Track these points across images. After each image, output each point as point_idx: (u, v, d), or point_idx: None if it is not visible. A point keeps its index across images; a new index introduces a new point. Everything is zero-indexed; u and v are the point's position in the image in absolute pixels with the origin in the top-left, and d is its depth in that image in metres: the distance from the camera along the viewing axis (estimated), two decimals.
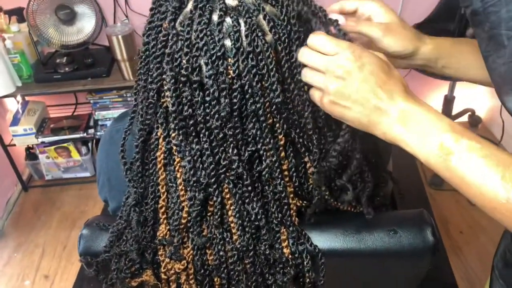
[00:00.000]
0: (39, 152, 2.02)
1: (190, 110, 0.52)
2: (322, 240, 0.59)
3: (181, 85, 0.51)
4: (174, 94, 0.52)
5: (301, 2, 0.53)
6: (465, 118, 2.09)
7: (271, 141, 0.53)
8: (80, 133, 1.94)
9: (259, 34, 0.50)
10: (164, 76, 0.53)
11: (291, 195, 0.58)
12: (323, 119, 0.57)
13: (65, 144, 1.99)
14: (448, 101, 1.95)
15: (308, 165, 0.58)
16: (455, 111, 2.00)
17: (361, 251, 0.58)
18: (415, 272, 0.62)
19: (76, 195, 2.11)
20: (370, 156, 0.62)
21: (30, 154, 2.09)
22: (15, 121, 1.92)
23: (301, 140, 0.57)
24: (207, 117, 0.52)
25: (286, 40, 0.51)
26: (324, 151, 0.57)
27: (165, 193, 0.58)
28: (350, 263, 0.61)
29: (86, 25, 1.80)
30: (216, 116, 0.51)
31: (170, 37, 0.51)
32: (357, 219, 0.61)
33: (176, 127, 0.53)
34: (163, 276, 0.59)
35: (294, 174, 0.58)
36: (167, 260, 0.58)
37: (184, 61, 0.51)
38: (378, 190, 0.65)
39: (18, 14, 1.77)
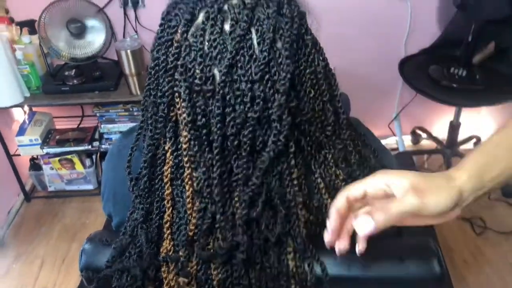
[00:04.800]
0: (43, 163, 2.02)
1: (203, 119, 0.53)
2: (327, 265, 0.58)
3: (194, 95, 0.52)
4: (189, 105, 0.52)
5: (304, 17, 0.55)
6: (470, 144, 2.08)
7: (283, 147, 0.53)
8: (85, 145, 1.94)
9: (270, 41, 0.51)
10: (175, 89, 0.54)
11: (300, 206, 0.57)
12: (332, 127, 0.57)
13: (69, 156, 1.99)
14: (454, 127, 1.95)
15: (316, 175, 0.59)
16: (460, 137, 1.99)
17: (366, 279, 0.57)
18: None
19: (78, 207, 2.10)
20: None
21: (34, 164, 2.09)
22: (22, 131, 1.93)
23: (309, 148, 0.57)
24: (222, 125, 0.52)
25: (295, 46, 0.52)
26: (332, 161, 0.58)
27: (171, 208, 0.58)
28: None
29: (96, 39, 1.82)
30: (232, 123, 0.52)
31: (183, 49, 0.52)
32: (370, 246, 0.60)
33: (191, 138, 0.54)
34: None
35: (303, 182, 0.58)
36: (171, 276, 0.58)
37: (197, 71, 0.51)
38: None
39: (29, 26, 1.79)
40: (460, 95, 1.65)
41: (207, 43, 0.51)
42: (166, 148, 0.58)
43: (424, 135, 2.19)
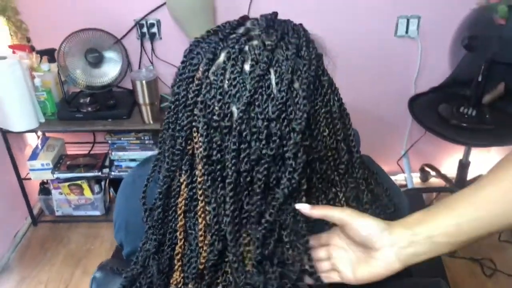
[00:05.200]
0: (52, 188, 2.04)
1: (219, 155, 0.54)
2: None
3: (212, 130, 0.54)
4: (206, 140, 0.54)
5: (321, 59, 0.58)
6: None
7: (295, 185, 0.54)
8: (95, 171, 1.96)
9: (288, 82, 0.53)
10: (194, 124, 0.55)
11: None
12: (345, 166, 0.58)
13: (79, 182, 2.01)
14: (463, 166, 1.94)
15: None
16: (470, 176, 1.99)
17: None
18: None
19: (84, 233, 2.10)
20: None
21: (44, 189, 2.11)
22: (34, 156, 1.96)
23: (320, 186, 0.58)
24: (236, 161, 0.53)
25: (312, 87, 0.54)
26: (343, 199, 0.59)
27: (183, 240, 0.59)
28: None
29: (112, 69, 1.87)
30: (246, 159, 0.53)
31: (203, 86, 0.54)
32: (374, 286, 0.59)
33: (206, 172, 0.55)
34: None
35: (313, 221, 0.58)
36: None
37: (216, 108, 0.53)
38: None
39: (49, 54, 1.85)
40: (470, 134, 1.66)
41: (227, 82, 0.53)
42: (181, 180, 0.58)
43: (433, 172, 2.18)
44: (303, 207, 0.55)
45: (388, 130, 2.12)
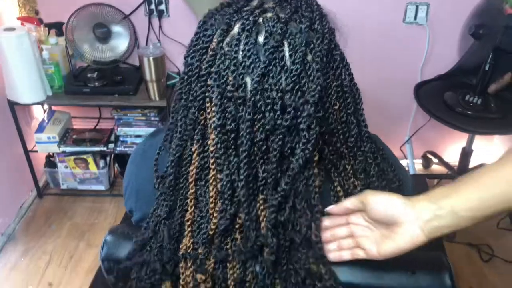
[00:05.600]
0: (58, 161, 2.06)
1: (233, 124, 0.55)
2: (342, 273, 0.59)
3: (225, 100, 0.55)
4: (219, 109, 0.55)
5: (334, 33, 0.59)
6: None
7: (308, 155, 0.55)
8: (101, 146, 1.98)
9: (301, 54, 0.54)
10: (207, 94, 0.57)
11: (321, 211, 0.59)
12: (354, 139, 0.60)
13: (84, 156, 2.03)
14: (466, 154, 1.96)
15: (335, 184, 0.61)
16: (472, 164, 2.00)
17: None
18: None
19: (88, 207, 2.13)
20: None
21: (50, 162, 2.13)
22: (41, 129, 1.98)
23: (331, 157, 0.60)
24: (251, 130, 0.54)
25: (324, 60, 0.56)
26: (351, 172, 0.61)
27: (193, 207, 0.61)
28: None
29: (119, 44, 1.88)
30: (261, 129, 0.54)
31: (217, 57, 0.55)
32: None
33: (219, 141, 0.56)
34: None
35: (323, 191, 0.60)
36: (188, 272, 0.60)
37: (230, 79, 0.54)
38: None
39: (57, 28, 1.85)
40: (474, 123, 1.67)
41: (241, 53, 0.54)
42: (193, 149, 0.60)
43: (435, 160, 2.20)
44: (331, 209, 0.60)
45: (393, 115, 2.13)
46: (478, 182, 0.55)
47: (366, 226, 0.60)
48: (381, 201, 0.57)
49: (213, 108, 0.56)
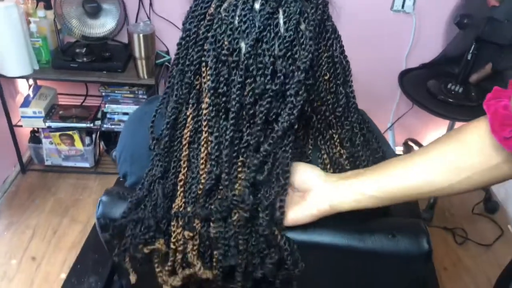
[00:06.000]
0: (43, 137, 2.05)
1: (225, 87, 0.58)
2: (326, 235, 0.63)
3: (220, 64, 0.57)
4: (214, 73, 0.58)
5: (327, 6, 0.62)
6: None
7: (293, 120, 0.58)
8: (87, 123, 1.98)
9: (295, 22, 0.56)
10: (203, 59, 0.59)
11: None
12: (342, 109, 0.63)
13: (70, 132, 2.03)
14: None
15: (322, 152, 0.65)
16: None
17: (361, 250, 0.63)
18: (407, 277, 0.67)
19: (72, 183, 2.13)
20: None
21: (34, 137, 2.12)
22: (26, 103, 1.96)
23: (318, 126, 0.63)
24: (241, 93, 0.57)
25: (317, 30, 0.58)
26: (338, 141, 0.64)
27: (186, 168, 0.63)
28: (348, 260, 0.66)
29: (109, 20, 1.86)
30: (251, 93, 0.57)
31: (215, 21, 0.58)
32: (359, 222, 0.65)
33: (212, 103, 0.59)
34: (172, 246, 0.63)
35: (310, 156, 0.63)
36: (178, 230, 0.62)
37: (226, 43, 0.57)
38: None
39: (46, 1, 1.83)
40: (455, 110, 1.72)
41: (237, 18, 0.57)
42: (188, 113, 0.62)
43: (416, 147, 2.26)
44: None
45: (376, 102, 2.17)
46: (386, 170, 0.60)
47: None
48: (301, 168, 0.62)
49: (208, 72, 0.58)
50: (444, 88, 1.80)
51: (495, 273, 0.72)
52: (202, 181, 0.61)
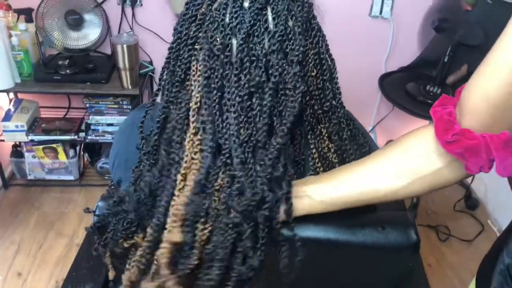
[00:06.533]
0: (26, 150, 2.03)
1: (220, 82, 0.59)
2: (318, 230, 0.65)
3: (212, 60, 0.60)
4: (206, 68, 0.60)
5: (312, 5, 0.65)
6: None
7: (296, 112, 0.60)
8: (71, 135, 1.96)
9: (284, 18, 0.59)
10: (194, 58, 0.61)
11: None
12: (329, 103, 0.66)
13: (54, 145, 2.01)
14: None
15: (311, 146, 0.67)
16: None
17: (352, 243, 0.65)
18: (397, 269, 0.70)
19: (56, 197, 2.11)
20: None
21: (16, 151, 2.09)
22: (7, 117, 1.94)
23: (310, 119, 0.65)
24: (237, 88, 0.59)
25: (304, 27, 0.61)
26: (326, 135, 0.67)
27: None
28: (340, 254, 0.68)
29: (92, 32, 1.87)
30: (246, 85, 0.59)
31: (207, 19, 0.60)
32: (349, 217, 0.68)
33: (205, 97, 0.60)
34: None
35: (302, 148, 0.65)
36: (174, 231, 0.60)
37: (218, 39, 0.59)
38: None
39: (27, 14, 1.82)
40: None
41: (228, 15, 0.60)
42: (177, 111, 0.63)
43: None
44: None
45: (357, 105, 2.19)
46: (334, 178, 0.63)
47: None
48: None
49: (199, 68, 0.60)
50: (423, 90, 1.85)
51: (477, 266, 0.75)
52: (193, 177, 0.59)
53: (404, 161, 0.60)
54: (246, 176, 0.59)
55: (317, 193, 0.62)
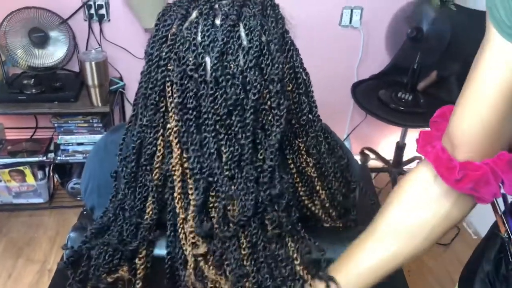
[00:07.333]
0: None
1: (194, 102, 0.58)
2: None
3: (186, 80, 0.58)
4: (181, 88, 0.58)
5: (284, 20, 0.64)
6: (414, 164, 2.25)
7: (283, 129, 0.59)
8: (40, 156, 1.89)
9: (257, 34, 0.58)
10: (167, 79, 0.59)
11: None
12: (306, 117, 0.65)
13: (21, 167, 1.92)
14: (399, 148, 2.10)
15: (289, 162, 0.66)
16: (405, 157, 2.15)
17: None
18: None
19: (25, 221, 2.02)
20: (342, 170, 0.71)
21: None
22: None
23: (288, 134, 0.64)
24: (214, 105, 0.57)
25: (276, 42, 0.60)
26: (304, 149, 0.66)
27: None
28: None
29: (58, 49, 1.81)
30: (224, 104, 0.57)
31: (177, 39, 0.58)
32: (331, 233, 0.66)
33: (181, 119, 0.59)
34: (138, 272, 0.62)
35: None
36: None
37: (190, 59, 0.57)
38: (347, 202, 0.72)
39: None
40: (406, 117, 1.81)
41: (200, 34, 0.58)
42: (154, 135, 0.62)
43: (372, 155, 2.33)
44: None
45: (331, 114, 2.21)
46: (348, 261, 0.62)
47: None
48: None
49: (174, 89, 0.59)
50: (395, 96, 1.88)
51: (456, 269, 0.75)
52: (192, 197, 0.60)
53: (412, 219, 0.57)
54: (237, 191, 0.59)
55: (341, 279, 0.60)
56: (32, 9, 1.73)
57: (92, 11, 1.84)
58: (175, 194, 0.61)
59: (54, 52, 1.80)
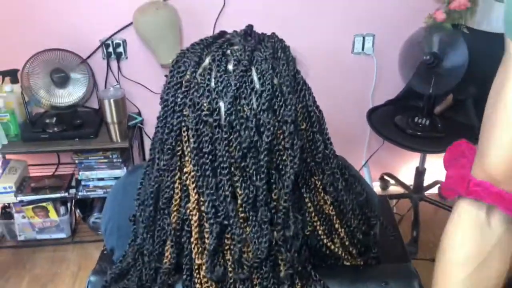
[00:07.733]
0: (15, 211, 1.98)
1: (210, 146, 0.59)
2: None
3: (201, 125, 0.59)
4: (196, 134, 0.59)
5: (295, 61, 0.65)
6: (435, 189, 2.21)
7: (297, 169, 0.60)
8: (62, 192, 1.93)
9: (269, 77, 0.59)
10: (183, 124, 0.61)
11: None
12: (321, 154, 0.65)
13: (44, 204, 1.97)
14: (420, 173, 2.07)
15: (306, 200, 0.65)
16: (426, 182, 2.11)
17: None
18: None
19: (49, 257, 2.04)
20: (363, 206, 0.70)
21: (5, 213, 2.04)
22: None
23: (304, 173, 0.64)
24: (229, 148, 0.58)
25: (288, 84, 0.61)
26: (321, 187, 0.66)
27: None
28: None
29: (78, 89, 1.87)
30: (238, 147, 0.58)
31: (191, 86, 0.60)
32: (351, 272, 0.65)
33: (196, 164, 0.60)
34: None
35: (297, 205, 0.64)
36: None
37: (205, 104, 0.59)
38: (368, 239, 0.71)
39: (12, 75, 1.83)
40: (424, 142, 1.79)
41: (213, 80, 0.59)
42: (172, 179, 0.63)
43: (392, 181, 2.30)
44: None
45: (348, 141, 2.23)
46: None
47: None
48: None
49: (190, 134, 0.60)
50: (411, 122, 1.86)
51: None
52: (207, 241, 0.61)
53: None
54: (251, 234, 0.59)
55: None
56: (53, 51, 1.80)
57: (110, 49, 1.90)
58: (192, 239, 0.62)
59: (74, 91, 1.86)
